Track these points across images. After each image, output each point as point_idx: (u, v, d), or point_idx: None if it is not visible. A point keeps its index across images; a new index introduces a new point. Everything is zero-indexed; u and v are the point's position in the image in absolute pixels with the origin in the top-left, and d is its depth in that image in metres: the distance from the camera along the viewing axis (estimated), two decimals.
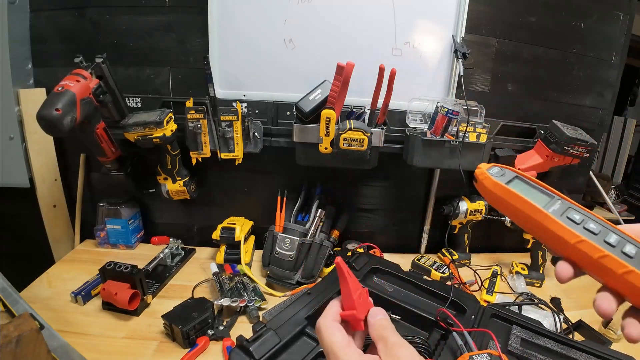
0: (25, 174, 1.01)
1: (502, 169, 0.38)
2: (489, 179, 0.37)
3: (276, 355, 0.63)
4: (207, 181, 1.12)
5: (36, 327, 0.55)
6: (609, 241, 0.30)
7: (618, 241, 0.30)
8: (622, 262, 0.29)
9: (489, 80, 1.09)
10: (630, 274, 0.28)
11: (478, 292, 0.98)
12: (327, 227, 1.02)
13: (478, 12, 1.01)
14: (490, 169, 0.38)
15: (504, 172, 0.37)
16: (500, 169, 0.38)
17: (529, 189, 0.36)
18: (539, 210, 0.33)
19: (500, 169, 0.38)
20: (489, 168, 0.38)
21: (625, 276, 0.29)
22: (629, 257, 0.29)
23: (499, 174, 0.37)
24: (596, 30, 1.09)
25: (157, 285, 0.92)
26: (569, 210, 0.33)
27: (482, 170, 0.38)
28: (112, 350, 0.72)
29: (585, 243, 0.31)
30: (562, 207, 0.33)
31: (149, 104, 1.03)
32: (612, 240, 0.30)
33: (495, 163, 0.39)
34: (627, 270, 0.28)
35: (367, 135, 0.87)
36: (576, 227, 0.32)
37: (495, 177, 0.37)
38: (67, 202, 1.12)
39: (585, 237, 0.31)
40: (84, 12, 0.98)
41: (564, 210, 0.33)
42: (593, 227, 0.31)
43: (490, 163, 0.39)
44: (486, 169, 0.38)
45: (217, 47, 0.99)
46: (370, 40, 1.00)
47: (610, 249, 0.30)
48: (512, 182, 0.36)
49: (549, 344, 0.70)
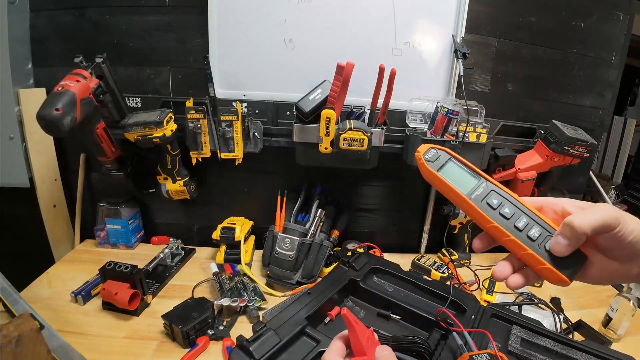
0: (25, 174, 1.01)
1: (437, 152, 0.39)
2: (423, 166, 0.39)
3: (276, 355, 0.63)
4: (207, 181, 1.12)
5: (36, 327, 0.55)
6: (518, 225, 0.36)
7: (526, 224, 0.36)
8: (522, 245, 0.35)
9: (489, 80, 1.09)
10: (528, 255, 0.35)
11: (478, 292, 0.98)
12: (327, 227, 1.02)
13: (478, 12, 1.01)
14: (426, 152, 0.39)
15: (439, 154, 0.39)
16: (436, 151, 0.39)
17: (459, 173, 0.39)
18: (462, 197, 0.38)
19: (435, 152, 0.39)
20: (425, 152, 0.39)
21: (525, 256, 0.36)
22: (531, 240, 0.35)
23: (433, 158, 0.39)
24: (596, 30, 1.09)
25: (157, 285, 0.92)
26: (490, 194, 0.38)
27: (419, 155, 0.39)
28: (112, 350, 0.72)
29: (495, 227, 0.36)
30: (484, 192, 0.38)
31: (149, 104, 1.03)
32: (521, 224, 0.36)
33: (433, 144, 0.40)
34: (526, 252, 0.35)
35: (367, 135, 0.87)
36: (492, 213, 0.37)
37: (429, 163, 0.39)
38: (67, 202, 1.12)
39: (497, 223, 0.36)
40: (84, 12, 0.98)
41: (485, 195, 0.38)
42: (507, 212, 0.36)
43: (427, 145, 0.40)
44: (423, 152, 0.39)
45: (217, 47, 0.99)
46: (370, 40, 1.00)
47: (516, 233, 0.36)
48: (443, 168, 0.39)
49: (548, 344, 0.70)
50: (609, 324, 0.82)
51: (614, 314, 0.81)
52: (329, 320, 0.78)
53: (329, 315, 0.79)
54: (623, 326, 0.81)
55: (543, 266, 0.34)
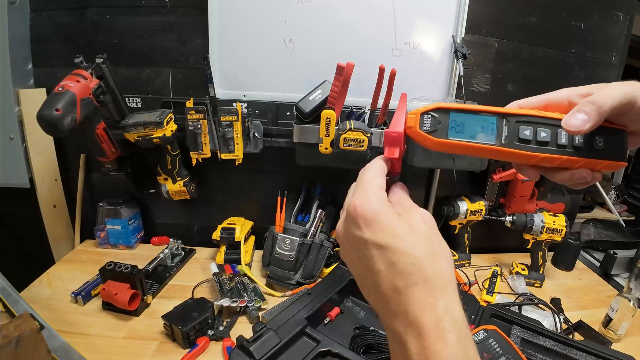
0: (25, 174, 1.00)
1: (434, 115, 0.33)
2: (429, 139, 0.33)
3: (276, 355, 0.63)
4: (207, 181, 1.12)
5: (36, 327, 0.55)
6: (561, 142, 0.32)
7: (568, 136, 0.32)
8: (576, 159, 0.32)
9: (489, 81, 1.09)
10: (585, 163, 0.32)
11: (478, 292, 0.98)
12: (327, 227, 1.02)
13: (478, 12, 1.01)
14: (421, 123, 0.33)
15: (438, 118, 0.33)
16: (431, 116, 0.33)
17: (472, 123, 0.33)
18: (493, 149, 0.32)
19: (431, 117, 0.33)
20: (419, 123, 0.33)
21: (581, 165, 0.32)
22: (577, 149, 0.32)
23: (433, 125, 0.33)
24: (596, 30, 1.09)
25: (157, 286, 0.92)
26: (519, 128, 0.32)
27: (415, 130, 0.33)
28: (112, 351, 0.72)
29: (543, 158, 0.32)
30: (511, 129, 0.32)
31: (149, 104, 1.03)
32: (564, 139, 0.32)
33: (423, 108, 0.33)
34: (582, 162, 0.32)
35: (367, 135, 0.87)
36: (531, 147, 0.32)
37: (434, 134, 0.33)
38: (67, 202, 1.12)
39: (543, 154, 0.32)
40: (84, 13, 0.98)
41: (514, 132, 0.32)
42: (544, 136, 0.32)
43: (416, 110, 0.34)
44: (417, 124, 0.33)
45: (217, 47, 0.99)
46: (370, 41, 1.00)
47: (563, 151, 0.32)
48: (452, 129, 0.33)
49: (549, 344, 0.70)
50: (609, 324, 0.82)
51: (614, 314, 0.81)
52: (329, 321, 0.78)
53: (329, 316, 0.79)
54: (623, 326, 0.81)
55: (603, 164, 0.32)
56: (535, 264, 1.05)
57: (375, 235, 0.28)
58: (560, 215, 1.03)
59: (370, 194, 0.30)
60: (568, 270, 1.14)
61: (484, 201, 1.09)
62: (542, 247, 1.03)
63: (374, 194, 0.30)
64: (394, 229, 0.28)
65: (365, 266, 0.29)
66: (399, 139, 0.34)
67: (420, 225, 0.29)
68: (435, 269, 0.27)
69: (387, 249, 0.28)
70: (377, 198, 0.30)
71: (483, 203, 1.08)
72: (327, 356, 0.66)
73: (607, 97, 0.29)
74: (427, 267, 0.27)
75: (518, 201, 1.12)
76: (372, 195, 0.30)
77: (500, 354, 0.57)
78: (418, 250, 0.28)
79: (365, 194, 0.30)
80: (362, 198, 0.30)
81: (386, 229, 0.28)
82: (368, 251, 0.29)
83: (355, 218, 0.30)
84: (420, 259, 0.27)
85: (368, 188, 0.31)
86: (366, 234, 0.29)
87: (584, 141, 0.32)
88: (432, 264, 0.27)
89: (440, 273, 0.27)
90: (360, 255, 0.29)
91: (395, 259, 0.27)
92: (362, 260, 0.29)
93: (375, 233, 0.28)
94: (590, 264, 1.23)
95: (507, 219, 1.05)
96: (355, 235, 0.30)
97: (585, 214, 1.46)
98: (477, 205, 1.08)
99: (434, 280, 0.27)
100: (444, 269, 0.28)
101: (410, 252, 0.27)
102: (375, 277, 0.28)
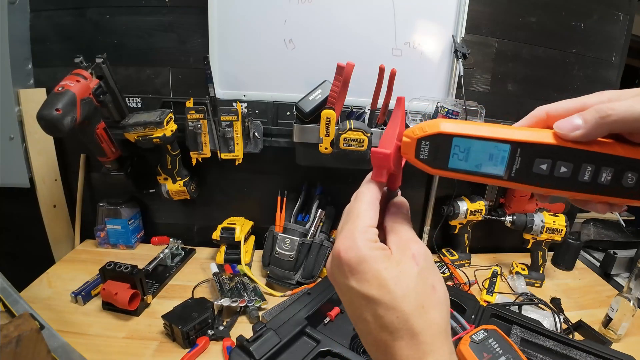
0: (25, 174, 1.01)
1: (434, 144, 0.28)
2: (428, 169, 0.29)
3: (276, 355, 0.63)
4: (207, 181, 1.12)
5: (36, 327, 0.55)
6: (584, 179, 0.26)
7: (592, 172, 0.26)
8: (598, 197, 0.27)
9: (489, 80, 1.09)
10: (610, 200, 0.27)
11: (478, 292, 0.98)
12: (327, 227, 1.02)
13: (478, 12, 1.01)
14: (418, 151, 0.28)
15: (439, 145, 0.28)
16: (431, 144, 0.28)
17: (478, 152, 0.28)
18: (501, 182, 0.28)
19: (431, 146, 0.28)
20: (416, 151, 0.29)
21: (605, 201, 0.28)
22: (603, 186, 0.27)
23: (432, 154, 0.28)
24: (596, 30, 1.09)
25: (157, 286, 0.92)
26: (536, 161, 0.27)
27: (411, 158, 0.29)
28: (112, 350, 0.72)
29: (559, 193, 0.28)
30: (526, 160, 0.27)
31: (149, 104, 1.03)
32: (587, 176, 0.26)
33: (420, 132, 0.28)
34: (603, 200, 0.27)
35: (367, 135, 0.87)
36: (547, 181, 0.27)
37: (432, 164, 0.28)
38: (67, 202, 1.12)
39: (559, 190, 0.27)
40: (84, 12, 0.98)
41: (529, 164, 0.27)
42: (564, 171, 0.27)
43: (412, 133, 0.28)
44: (413, 152, 0.29)
45: (217, 47, 0.99)
46: (370, 41, 1.00)
47: (585, 187, 0.27)
48: (453, 156, 0.28)
49: (548, 344, 0.70)
50: (609, 324, 0.82)
51: (614, 314, 0.81)
52: (329, 321, 0.78)
53: (329, 316, 0.79)
54: (623, 326, 0.81)
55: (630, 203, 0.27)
56: (535, 263, 1.05)
57: (361, 285, 0.26)
58: (560, 215, 1.03)
59: (357, 236, 0.27)
60: (568, 270, 1.14)
61: (484, 201, 1.09)
62: (542, 247, 1.03)
63: (360, 236, 0.27)
64: (379, 279, 0.26)
65: (354, 313, 0.28)
66: (386, 160, 0.29)
67: (410, 269, 0.27)
68: (424, 322, 0.25)
69: (372, 301, 0.26)
70: (364, 241, 0.27)
71: (483, 203, 1.09)
72: (327, 356, 0.66)
73: (617, 108, 0.24)
74: (414, 321, 0.25)
75: (518, 201, 1.12)
76: (359, 238, 0.27)
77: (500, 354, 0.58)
78: (404, 303, 0.26)
79: (351, 236, 0.28)
80: (348, 242, 0.27)
81: (371, 279, 0.26)
82: (356, 300, 0.27)
83: (340, 265, 0.28)
84: (406, 312, 0.25)
85: (355, 228, 0.28)
86: (352, 282, 0.27)
87: (612, 179, 0.26)
88: (420, 316, 0.26)
89: (429, 326, 0.25)
90: (349, 302, 0.28)
91: (380, 313, 0.26)
92: (351, 307, 0.28)
93: (360, 283, 0.26)
94: (590, 263, 1.23)
95: (507, 219, 1.05)
96: (341, 283, 0.28)
97: (585, 214, 1.45)
98: (477, 205, 1.08)
99: (422, 335, 0.25)
100: (434, 320, 0.26)
101: (395, 306, 0.25)
102: (364, 325, 0.27)
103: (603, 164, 0.26)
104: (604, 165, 0.26)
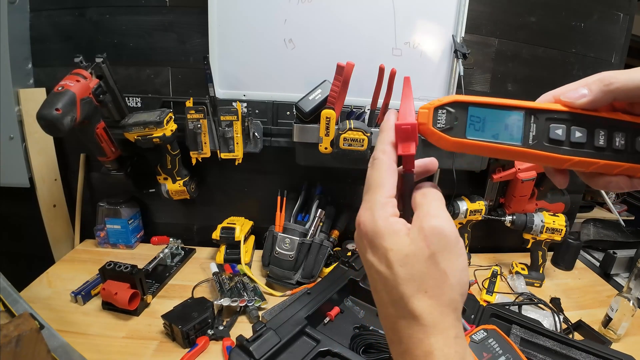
0: (25, 174, 1.01)
1: (450, 113, 0.29)
2: (444, 139, 0.29)
3: (276, 355, 0.63)
4: (207, 181, 1.12)
5: (36, 327, 0.55)
6: (599, 144, 0.27)
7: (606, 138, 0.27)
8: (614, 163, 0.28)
9: (489, 80, 1.09)
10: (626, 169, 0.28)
11: (478, 292, 0.98)
12: (327, 227, 1.02)
13: (478, 12, 1.01)
14: (435, 120, 0.29)
15: (454, 113, 0.29)
16: (448, 113, 0.29)
17: (494, 122, 0.28)
18: (520, 151, 0.28)
19: (448, 114, 0.29)
20: (434, 120, 0.29)
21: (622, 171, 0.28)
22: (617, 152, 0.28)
23: (449, 122, 0.29)
24: (596, 30, 1.09)
25: (157, 285, 0.92)
26: (551, 126, 0.28)
27: (428, 127, 0.29)
28: (112, 350, 0.72)
29: (577, 162, 0.28)
30: (541, 128, 0.28)
31: (149, 103, 1.03)
32: (602, 141, 0.27)
33: (437, 101, 0.29)
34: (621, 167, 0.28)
35: (367, 135, 0.87)
36: (564, 149, 0.28)
37: (449, 133, 0.29)
38: (67, 202, 1.12)
39: (577, 157, 0.28)
40: (84, 12, 0.98)
41: (545, 131, 0.28)
42: (579, 136, 0.28)
43: (429, 104, 0.29)
44: (430, 121, 0.29)
45: (217, 47, 0.99)
46: (370, 40, 1.00)
47: (601, 154, 0.28)
48: (471, 126, 0.28)
49: (548, 344, 0.70)
50: (609, 324, 0.82)
51: (614, 314, 0.81)
52: (329, 320, 0.78)
53: (329, 315, 0.79)
54: (623, 326, 0.81)
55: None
56: (535, 263, 1.05)
57: (374, 259, 0.27)
58: (560, 215, 1.03)
59: (376, 208, 0.28)
60: (568, 270, 1.14)
61: (484, 201, 1.09)
62: (542, 246, 1.03)
63: (379, 209, 0.28)
64: (387, 259, 0.26)
65: (371, 283, 0.29)
66: (413, 132, 0.29)
67: (420, 252, 0.26)
68: (427, 306, 0.25)
69: (381, 276, 0.27)
70: (382, 215, 0.27)
71: (483, 203, 1.09)
72: (327, 356, 0.66)
73: (618, 77, 0.26)
74: (414, 305, 0.25)
75: (518, 201, 1.12)
76: (377, 210, 0.28)
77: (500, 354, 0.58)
78: (405, 286, 0.26)
79: (370, 208, 0.28)
80: (367, 214, 0.28)
81: (381, 256, 0.27)
82: (372, 271, 0.28)
83: (360, 235, 0.29)
84: (407, 295, 0.26)
85: (375, 200, 0.28)
86: (368, 254, 0.28)
87: (625, 143, 0.27)
88: (421, 301, 0.25)
89: (432, 310, 0.25)
90: (367, 271, 0.29)
91: (388, 289, 0.27)
92: (370, 277, 0.29)
93: (374, 257, 0.27)
94: (590, 263, 1.23)
95: (507, 219, 1.05)
96: (362, 252, 0.29)
97: (585, 214, 1.45)
98: (477, 205, 1.08)
99: (422, 318, 0.25)
100: (438, 304, 0.26)
101: (397, 287, 0.26)
102: (377, 296, 0.28)
103: (614, 129, 0.27)
104: (616, 130, 0.27)
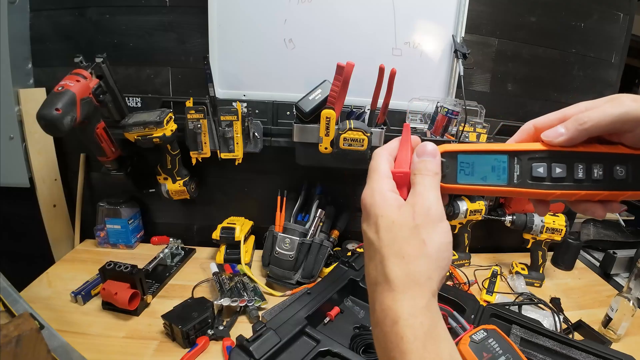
0: (25, 174, 1.01)
1: (443, 162, 0.32)
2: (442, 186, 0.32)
3: (276, 355, 0.63)
4: (207, 181, 1.12)
5: (36, 327, 0.55)
6: (578, 177, 0.30)
7: (585, 169, 0.30)
8: (594, 193, 0.30)
9: (489, 80, 1.09)
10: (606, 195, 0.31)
11: (478, 292, 0.98)
12: (327, 227, 1.02)
13: (478, 12, 1.01)
14: None
15: (446, 162, 0.32)
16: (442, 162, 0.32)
17: (482, 165, 0.32)
18: (505, 190, 0.31)
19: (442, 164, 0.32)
20: None
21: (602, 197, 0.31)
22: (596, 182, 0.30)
23: (443, 171, 0.32)
24: (596, 30, 1.09)
25: (157, 285, 0.92)
26: (531, 166, 0.31)
27: None
28: (112, 350, 0.72)
29: (560, 195, 0.31)
30: (523, 168, 0.31)
31: (149, 103, 1.03)
32: (581, 174, 0.30)
33: None
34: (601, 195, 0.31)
35: (367, 135, 0.87)
36: (546, 184, 0.31)
37: (443, 180, 0.32)
38: (67, 202, 1.12)
39: (559, 191, 0.30)
40: (84, 12, 0.98)
41: (527, 169, 0.31)
42: (559, 172, 0.30)
43: None
44: None
45: (217, 47, 0.99)
46: (370, 40, 1.00)
47: (580, 186, 0.30)
48: (460, 172, 0.32)
49: (548, 344, 0.70)
50: (609, 324, 0.82)
51: (614, 314, 0.81)
52: (329, 320, 0.78)
53: (329, 315, 0.79)
54: (623, 326, 0.81)
55: (625, 195, 0.30)
56: (535, 263, 1.05)
57: (367, 226, 0.31)
58: (560, 215, 1.03)
59: (374, 183, 0.31)
60: (568, 270, 1.14)
61: (484, 201, 1.09)
62: (542, 246, 1.03)
63: (377, 182, 0.31)
64: (377, 225, 0.29)
65: (365, 251, 0.32)
66: (406, 179, 0.32)
67: (405, 222, 0.28)
68: (400, 270, 0.27)
69: (370, 242, 0.30)
70: (379, 187, 0.31)
71: (483, 203, 1.09)
72: (327, 356, 0.66)
73: (592, 115, 0.28)
74: (390, 268, 0.28)
75: (518, 201, 1.12)
76: (375, 183, 0.31)
77: (500, 354, 0.58)
78: (385, 249, 0.28)
79: (370, 186, 0.32)
80: (367, 189, 0.32)
81: (372, 223, 0.30)
82: (364, 239, 0.31)
83: (362, 208, 0.32)
84: (385, 258, 0.28)
85: (374, 179, 0.32)
86: (364, 224, 0.31)
87: (603, 173, 0.30)
88: (397, 265, 0.28)
89: (405, 275, 0.27)
90: (364, 241, 0.32)
91: (372, 253, 0.30)
92: (364, 247, 0.32)
93: (367, 224, 0.31)
94: (590, 263, 1.23)
95: (507, 219, 1.05)
96: (362, 224, 0.32)
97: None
98: (477, 205, 1.08)
99: (394, 282, 0.27)
100: (412, 270, 0.27)
101: (380, 249, 0.29)
102: (366, 266, 0.31)
103: (592, 161, 0.30)
104: (593, 161, 0.30)
